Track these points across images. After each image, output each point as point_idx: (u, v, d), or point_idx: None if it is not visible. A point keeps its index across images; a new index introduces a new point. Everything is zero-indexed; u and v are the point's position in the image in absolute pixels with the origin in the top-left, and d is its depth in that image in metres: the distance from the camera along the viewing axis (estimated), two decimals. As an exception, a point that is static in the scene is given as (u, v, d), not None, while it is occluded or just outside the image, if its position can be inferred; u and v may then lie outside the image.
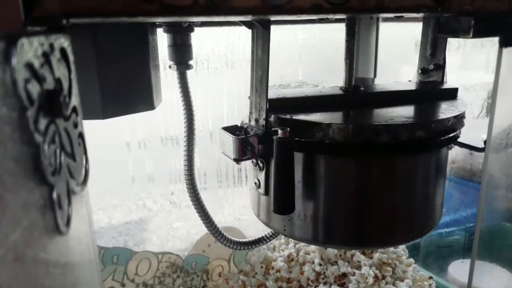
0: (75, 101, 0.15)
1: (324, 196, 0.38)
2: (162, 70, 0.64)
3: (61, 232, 0.13)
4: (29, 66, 0.12)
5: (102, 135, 0.63)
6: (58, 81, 0.14)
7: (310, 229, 0.40)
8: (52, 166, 0.12)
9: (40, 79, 0.12)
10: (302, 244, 0.67)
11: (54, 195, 0.12)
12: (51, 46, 0.13)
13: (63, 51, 0.14)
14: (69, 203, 0.14)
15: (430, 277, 0.64)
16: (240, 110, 0.70)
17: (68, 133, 0.14)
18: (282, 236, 0.69)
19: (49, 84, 0.13)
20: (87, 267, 0.18)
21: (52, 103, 0.13)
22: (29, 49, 0.12)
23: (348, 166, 0.37)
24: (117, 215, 0.75)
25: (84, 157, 0.15)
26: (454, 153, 0.97)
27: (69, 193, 0.13)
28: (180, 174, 0.70)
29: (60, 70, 0.14)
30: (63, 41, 0.14)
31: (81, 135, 0.15)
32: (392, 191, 0.37)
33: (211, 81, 0.70)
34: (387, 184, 0.37)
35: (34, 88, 0.12)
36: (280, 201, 0.36)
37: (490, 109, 0.36)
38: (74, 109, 0.15)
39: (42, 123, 0.12)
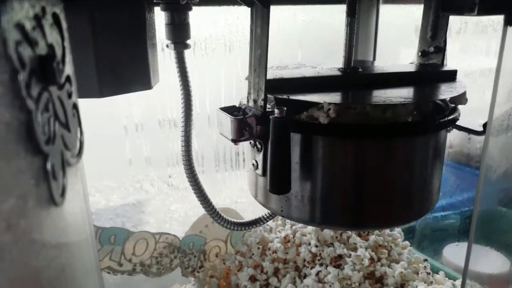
0: (68, 69, 0.14)
1: (321, 177, 0.38)
2: (160, 51, 0.63)
3: (56, 203, 0.13)
4: (20, 27, 0.11)
5: (99, 118, 0.63)
6: (50, 47, 0.13)
7: (307, 210, 0.40)
8: (46, 134, 0.12)
9: (32, 43, 0.12)
10: (299, 225, 0.68)
11: (49, 165, 0.12)
12: (43, 9, 0.13)
13: (55, 16, 0.14)
14: (64, 174, 0.13)
15: (425, 260, 0.65)
16: (238, 93, 0.69)
17: (62, 102, 0.14)
18: (279, 218, 0.70)
19: (42, 49, 0.13)
20: (83, 241, 0.18)
21: (45, 69, 0.12)
22: (20, 9, 0.11)
23: (345, 147, 0.37)
24: (114, 197, 0.75)
25: (78, 129, 0.15)
26: (452, 138, 0.98)
27: (64, 164, 0.13)
28: (178, 156, 0.70)
29: (52, 36, 0.13)
30: (55, 6, 0.14)
31: (75, 106, 0.15)
32: (389, 173, 0.37)
33: (209, 63, 0.70)
34: (384, 166, 0.37)
35: (26, 51, 0.12)
36: (276, 180, 0.36)
37: (492, 90, 0.36)
38: (68, 79, 0.14)
39: (35, 89, 0.12)
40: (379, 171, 0.37)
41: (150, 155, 0.72)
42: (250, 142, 0.42)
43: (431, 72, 0.46)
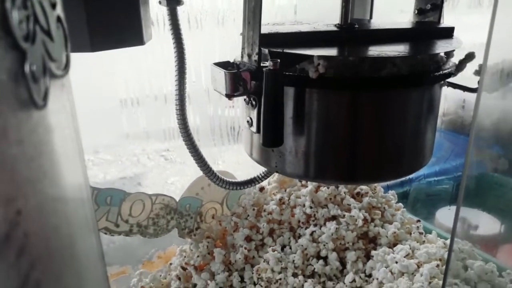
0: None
1: (314, 131, 0.38)
2: (155, 26, 0.62)
3: (36, 104, 0.12)
4: None
5: (95, 93, 0.63)
6: None
7: (301, 165, 0.40)
8: (23, 31, 0.12)
9: None
10: (294, 188, 0.68)
11: (27, 65, 0.12)
12: None
13: None
14: (46, 80, 0.13)
15: (418, 221, 0.66)
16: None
17: (44, 8, 0.13)
18: (274, 181, 0.70)
19: None
20: (70, 161, 0.17)
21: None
22: None
23: (339, 100, 0.37)
24: (112, 170, 0.75)
25: (64, 43, 0.15)
26: (446, 106, 0.98)
27: (46, 70, 0.13)
28: (174, 131, 0.70)
29: None
30: None
31: (60, 20, 0.14)
32: (383, 127, 0.37)
33: (204, 37, 0.69)
34: (378, 119, 0.37)
35: None
36: (269, 133, 0.36)
37: (486, 45, 0.36)
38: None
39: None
40: (373, 124, 0.37)
41: (146, 129, 0.72)
42: (245, 99, 0.41)
43: (428, 29, 0.46)
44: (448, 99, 0.97)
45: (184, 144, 0.50)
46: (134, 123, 0.70)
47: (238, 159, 0.78)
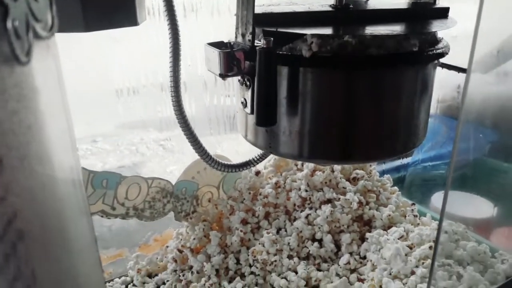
0: None
1: (308, 110, 0.38)
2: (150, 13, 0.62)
3: (20, 61, 0.12)
4: None
5: (91, 82, 0.63)
6: None
7: (296, 145, 0.40)
8: None
9: None
10: (290, 172, 0.69)
11: (9, 21, 0.12)
12: None
13: None
14: (29, 35, 0.13)
15: (413, 204, 0.67)
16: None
17: None
18: (270, 165, 0.71)
19: None
20: (57, 123, 0.17)
21: None
22: None
23: (333, 79, 0.37)
24: (110, 159, 0.76)
25: (49, 4, 0.15)
26: (443, 92, 0.98)
27: (29, 28, 0.13)
28: (172, 121, 0.70)
29: None
30: None
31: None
32: (376, 105, 0.38)
33: (198, 26, 0.68)
34: (372, 98, 0.37)
35: None
36: (263, 112, 0.36)
37: (475, 28, 0.36)
38: None
39: None
40: (366, 103, 0.37)
41: (144, 118, 0.72)
42: (239, 80, 0.42)
43: (423, 9, 0.45)
44: (445, 86, 0.97)
45: (181, 133, 0.50)
46: (131, 112, 0.70)
47: (236, 149, 0.78)
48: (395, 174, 0.86)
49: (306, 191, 0.64)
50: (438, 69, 0.43)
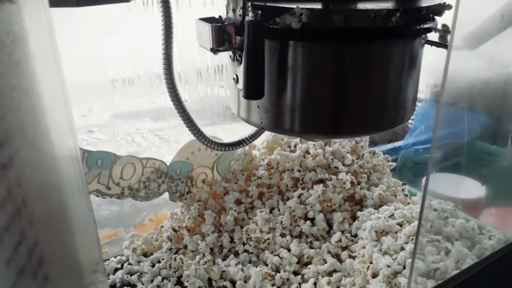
0: None
1: (298, 85, 0.39)
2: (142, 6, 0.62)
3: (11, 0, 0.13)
4: None
5: (86, 73, 0.63)
6: None
7: (286, 119, 0.41)
8: None
9: None
10: (284, 153, 0.70)
11: None
12: None
13: None
14: None
15: (404, 184, 0.68)
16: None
17: None
18: (263, 147, 0.72)
19: None
20: (47, 69, 0.17)
21: None
22: None
23: (322, 53, 0.38)
24: (106, 149, 0.76)
25: None
26: (433, 78, 0.99)
27: None
28: (167, 111, 0.71)
29: None
30: None
31: None
32: (365, 79, 0.38)
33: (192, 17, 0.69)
34: (360, 72, 0.38)
35: None
36: (250, 84, 0.37)
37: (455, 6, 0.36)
38: None
39: None
40: (355, 77, 0.38)
41: (140, 109, 0.73)
42: (230, 56, 0.42)
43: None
44: (436, 71, 0.98)
45: (177, 123, 0.50)
46: (127, 102, 0.70)
47: (233, 139, 0.78)
48: (388, 158, 0.87)
49: (299, 171, 0.65)
50: (429, 54, 0.44)
